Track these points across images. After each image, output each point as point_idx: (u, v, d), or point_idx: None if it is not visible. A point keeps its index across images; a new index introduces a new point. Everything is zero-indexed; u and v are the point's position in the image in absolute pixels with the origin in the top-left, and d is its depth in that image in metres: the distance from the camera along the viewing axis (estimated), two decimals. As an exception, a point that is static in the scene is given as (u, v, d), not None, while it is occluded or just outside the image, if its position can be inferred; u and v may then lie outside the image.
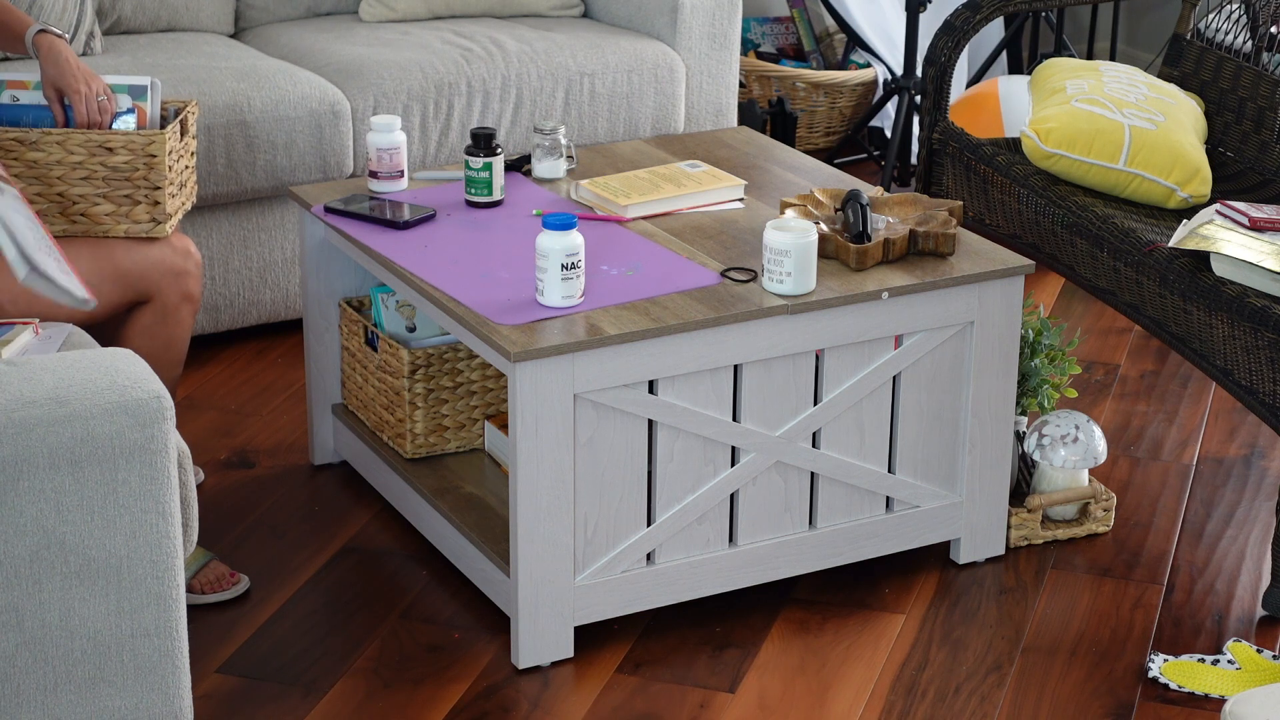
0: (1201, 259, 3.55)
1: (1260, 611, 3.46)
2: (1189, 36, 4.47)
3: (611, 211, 3.59)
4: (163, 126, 3.47)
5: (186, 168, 3.47)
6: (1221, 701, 3.18)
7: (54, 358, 2.61)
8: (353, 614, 3.40)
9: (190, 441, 3.96)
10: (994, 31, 5.98)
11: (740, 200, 3.68)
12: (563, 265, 3.15)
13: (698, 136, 4.07)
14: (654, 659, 3.29)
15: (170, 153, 3.36)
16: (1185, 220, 3.83)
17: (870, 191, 3.63)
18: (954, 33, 4.24)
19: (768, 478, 3.33)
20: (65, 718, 2.61)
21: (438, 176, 3.82)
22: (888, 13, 5.70)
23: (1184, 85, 4.42)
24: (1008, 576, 3.55)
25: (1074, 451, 3.64)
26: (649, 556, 3.29)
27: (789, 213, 3.47)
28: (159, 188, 3.34)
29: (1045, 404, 3.69)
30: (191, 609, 3.39)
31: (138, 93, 3.42)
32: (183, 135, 3.44)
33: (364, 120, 4.34)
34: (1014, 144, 4.23)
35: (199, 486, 3.79)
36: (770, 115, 5.33)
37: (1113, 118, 3.97)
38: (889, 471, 3.45)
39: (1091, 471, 3.89)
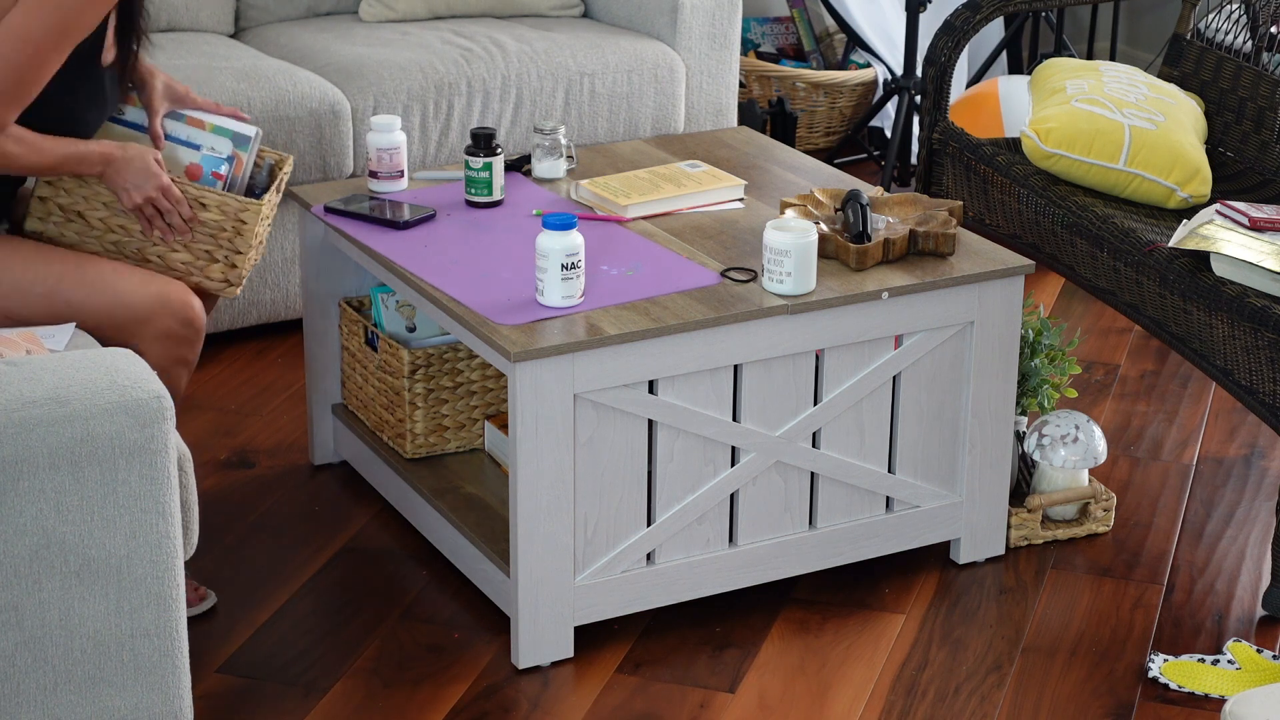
0: (1201, 259, 3.55)
1: (1260, 611, 3.46)
2: (1189, 36, 4.47)
3: (611, 211, 3.59)
4: (253, 178, 3.37)
5: (269, 227, 3.37)
6: (1221, 701, 3.18)
7: (54, 358, 2.60)
8: (353, 614, 3.40)
9: (190, 441, 3.96)
10: (994, 31, 5.98)
11: (740, 200, 3.68)
12: (563, 265, 3.14)
13: (698, 136, 4.06)
14: (654, 659, 3.28)
15: (261, 219, 3.28)
16: (1185, 220, 3.83)
17: (870, 191, 3.63)
18: (954, 33, 4.24)
19: (768, 478, 3.33)
20: (65, 718, 2.61)
21: (438, 176, 3.82)
22: (888, 13, 5.69)
23: (1184, 85, 4.41)
24: (1008, 576, 3.55)
25: (1074, 451, 3.63)
26: (649, 556, 3.29)
27: (789, 213, 3.47)
28: (241, 252, 3.27)
29: (1045, 404, 3.69)
30: (191, 609, 3.39)
31: (240, 141, 3.31)
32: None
33: (364, 120, 4.34)
34: (1014, 144, 4.23)
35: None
36: (770, 115, 5.32)
37: (1113, 118, 3.97)
38: (889, 471, 3.45)
39: (1091, 471, 3.89)
